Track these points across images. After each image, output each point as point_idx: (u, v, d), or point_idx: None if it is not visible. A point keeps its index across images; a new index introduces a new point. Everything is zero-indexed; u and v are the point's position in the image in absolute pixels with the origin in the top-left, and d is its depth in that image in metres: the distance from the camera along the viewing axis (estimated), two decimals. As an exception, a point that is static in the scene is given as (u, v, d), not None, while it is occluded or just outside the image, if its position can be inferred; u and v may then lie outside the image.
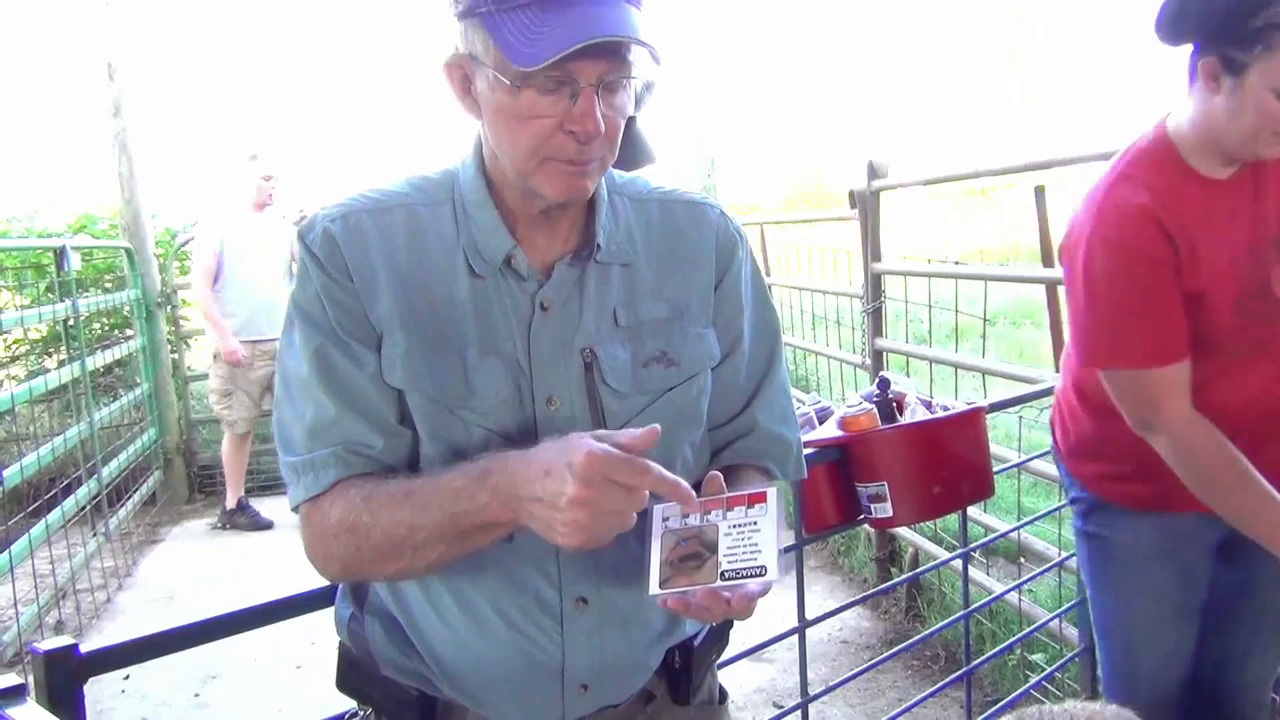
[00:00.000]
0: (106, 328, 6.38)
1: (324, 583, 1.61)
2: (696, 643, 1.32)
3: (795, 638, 2.20)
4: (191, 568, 5.18)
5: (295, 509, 1.16)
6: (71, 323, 5.11)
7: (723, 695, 1.40)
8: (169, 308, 6.43)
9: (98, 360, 5.39)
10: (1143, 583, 2.01)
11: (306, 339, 1.14)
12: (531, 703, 1.20)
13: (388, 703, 1.25)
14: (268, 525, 5.65)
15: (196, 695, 3.67)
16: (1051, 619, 3.07)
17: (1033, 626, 3.20)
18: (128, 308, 6.17)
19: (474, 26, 1.07)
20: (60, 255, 4.86)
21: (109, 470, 5.18)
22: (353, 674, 1.29)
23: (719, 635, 1.35)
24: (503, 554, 1.15)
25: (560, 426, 1.13)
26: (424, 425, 1.14)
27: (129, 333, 6.26)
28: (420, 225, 1.17)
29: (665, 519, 1.08)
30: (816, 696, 2.59)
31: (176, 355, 6.58)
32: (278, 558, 5.03)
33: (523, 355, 1.15)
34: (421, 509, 1.07)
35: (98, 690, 3.61)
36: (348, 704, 1.76)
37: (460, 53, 1.11)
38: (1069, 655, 2.99)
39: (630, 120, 2.21)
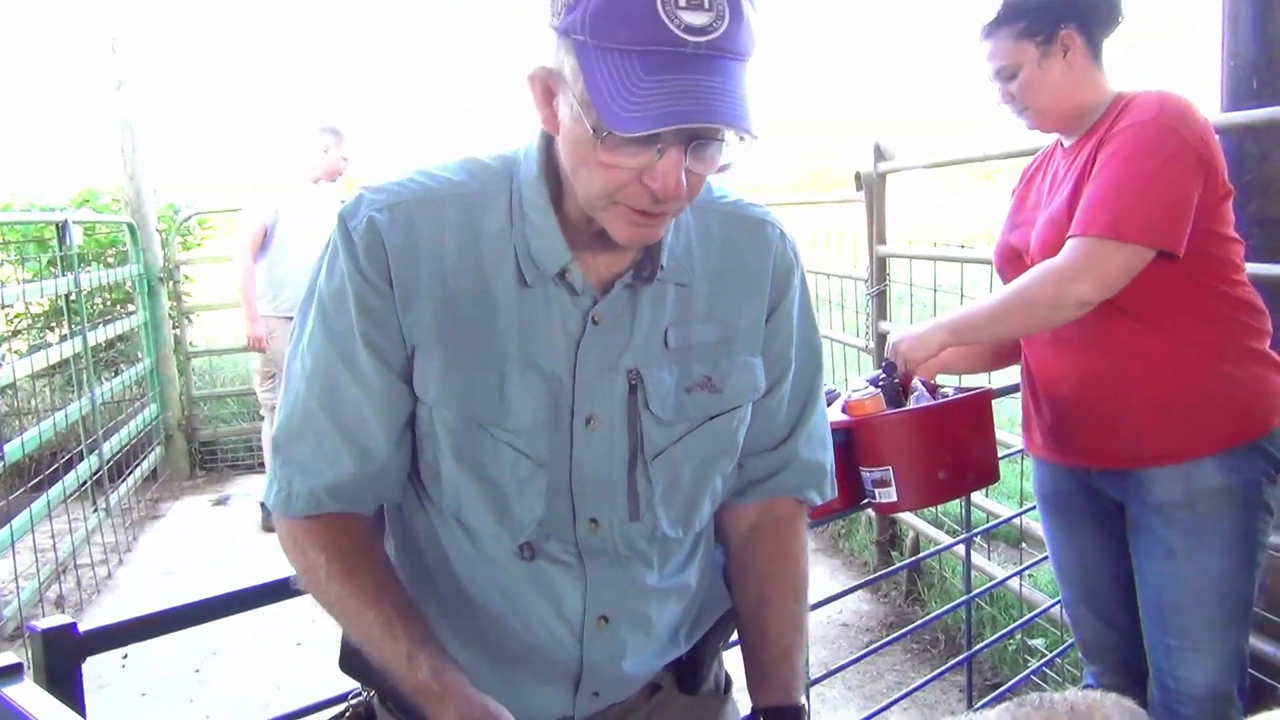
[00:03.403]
0: (108, 303, 6.37)
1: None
2: (703, 636, 1.30)
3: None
4: (192, 544, 5.19)
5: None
6: (73, 297, 5.09)
7: (728, 683, 1.38)
8: (171, 283, 6.41)
9: (99, 335, 5.38)
10: (1046, 519, 2.27)
11: (316, 340, 1.09)
12: (540, 705, 1.19)
13: (390, 687, 1.18)
14: None
15: (197, 671, 3.68)
16: (1052, 605, 3.07)
17: (1034, 612, 3.20)
18: (130, 283, 6.16)
19: (569, 50, 0.95)
20: (62, 229, 4.84)
21: (110, 446, 5.18)
22: (356, 656, 1.24)
23: (725, 624, 1.32)
24: (527, 571, 1.14)
25: (597, 448, 1.11)
26: (450, 444, 1.09)
27: (131, 308, 6.25)
28: (473, 221, 1.09)
29: None
30: (817, 680, 2.59)
31: (178, 331, 6.58)
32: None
33: (566, 372, 1.09)
34: (368, 645, 1.08)
35: (97, 665, 3.62)
36: (349, 684, 1.76)
37: (550, 68, 0.99)
38: (1069, 641, 2.99)
39: None
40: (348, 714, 1.26)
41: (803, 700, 1.19)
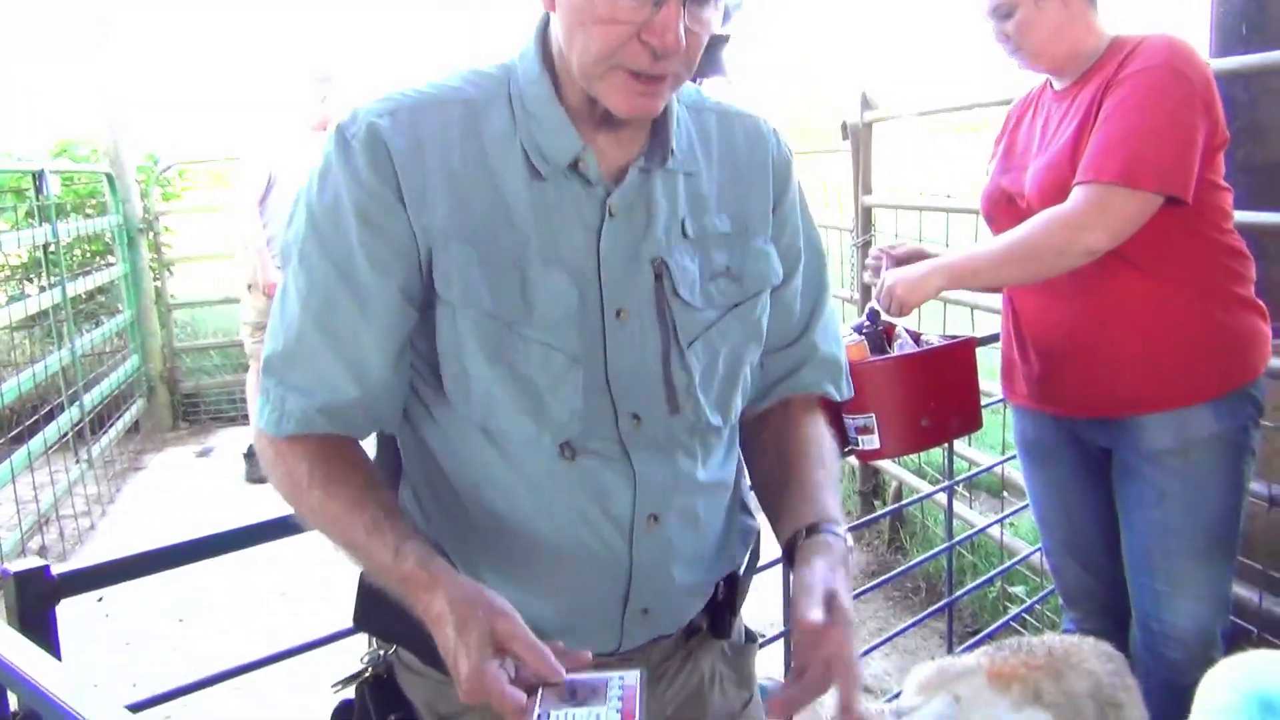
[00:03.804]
0: (88, 254, 6.31)
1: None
2: (741, 571, 1.28)
3: (777, 569, 2.21)
4: (175, 495, 5.18)
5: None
6: (52, 249, 5.04)
7: (750, 635, 1.36)
8: (151, 234, 6.34)
9: (79, 286, 5.33)
10: (1028, 469, 2.27)
11: (310, 259, 1.05)
12: (588, 627, 1.14)
13: (417, 636, 1.08)
14: (264, 479, 5.29)
15: (180, 621, 3.69)
16: (1032, 553, 3.09)
17: (1014, 560, 3.23)
18: (109, 234, 6.10)
19: None
20: (39, 179, 4.78)
21: (91, 398, 5.15)
22: (376, 609, 1.14)
23: (753, 564, 1.31)
24: (569, 473, 1.09)
25: (630, 341, 1.09)
26: (479, 346, 1.05)
27: (111, 259, 6.20)
28: (475, 123, 1.07)
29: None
30: (799, 626, 2.60)
31: (159, 282, 6.52)
32: (263, 487, 5.03)
33: (589, 266, 1.07)
34: (353, 550, 1.05)
35: (79, 616, 3.62)
36: (335, 626, 1.76)
37: None
38: (1049, 588, 3.02)
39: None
40: (368, 676, 1.21)
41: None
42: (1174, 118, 1.80)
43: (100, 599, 3.62)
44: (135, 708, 1.45)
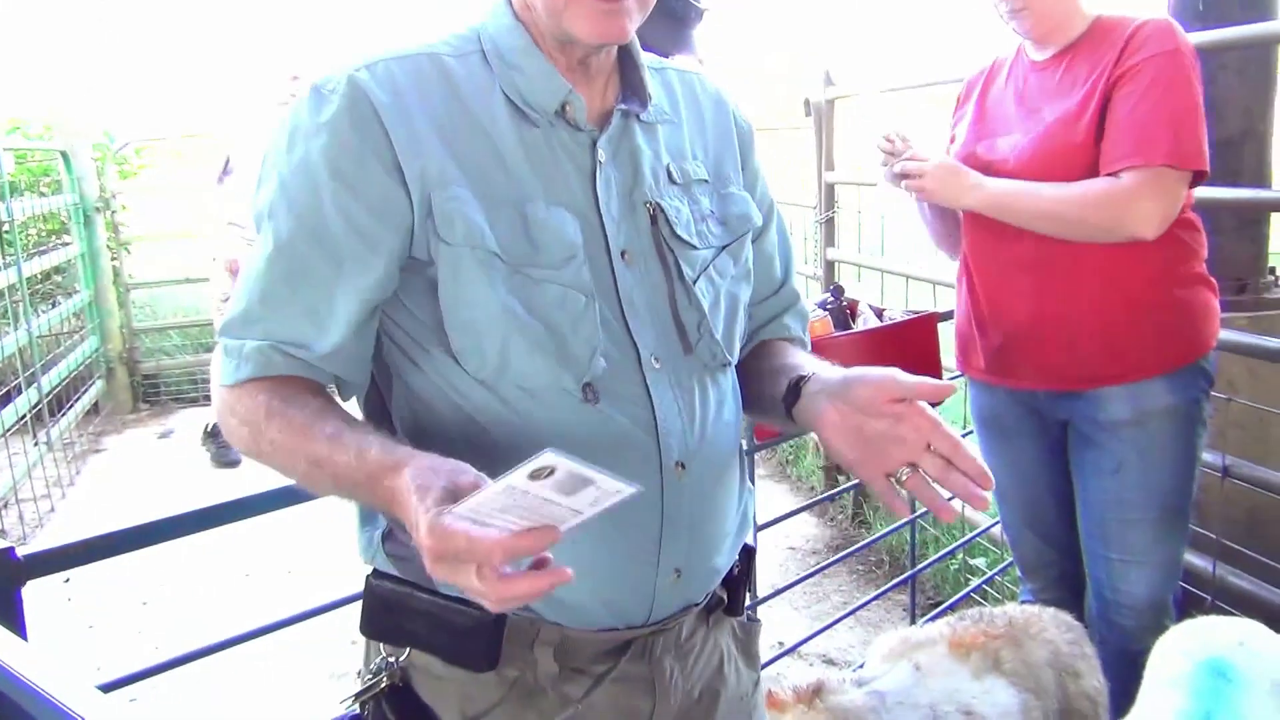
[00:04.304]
0: (43, 234, 6.20)
1: (271, 486, 1.59)
2: (751, 541, 1.29)
3: (744, 543, 2.23)
4: (136, 477, 5.13)
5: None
6: (5, 228, 4.95)
7: (754, 616, 1.36)
8: (108, 213, 6.25)
9: (34, 267, 5.24)
10: (986, 444, 2.28)
11: (279, 219, 1.02)
12: (621, 593, 1.10)
13: (439, 635, 1.07)
14: (235, 462, 5.02)
15: (144, 604, 3.67)
16: (992, 525, 3.14)
17: (974, 532, 3.27)
18: (65, 212, 5.99)
19: None
20: (-9, 156, 4.69)
21: (49, 379, 5.08)
22: (386, 614, 1.10)
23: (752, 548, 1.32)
24: (593, 418, 1.05)
25: (639, 282, 1.09)
26: (490, 290, 1.02)
27: (67, 239, 6.09)
28: (451, 75, 1.06)
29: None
30: (763, 600, 2.63)
31: (117, 262, 6.42)
32: (228, 470, 5.01)
33: (589, 208, 1.07)
34: (315, 467, 0.98)
35: (41, 599, 3.59)
36: (300, 606, 1.76)
37: None
38: (1009, 560, 3.07)
39: (682, 6, 2.14)
40: (384, 687, 1.12)
41: None
42: (1196, 99, 1.87)
43: (67, 580, 3.59)
44: (101, 690, 1.45)
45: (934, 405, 1.04)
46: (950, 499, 1.07)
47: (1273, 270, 2.86)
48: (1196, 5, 2.61)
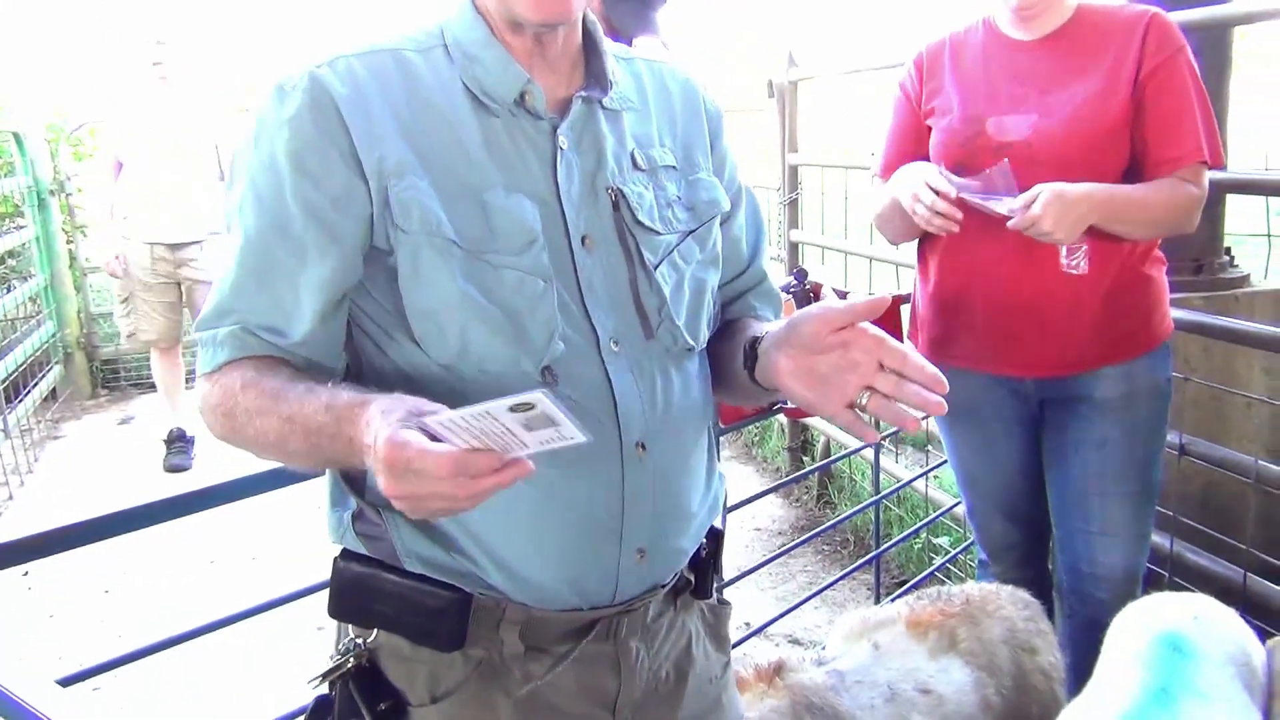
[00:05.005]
0: (-3, 217, 6.10)
1: (235, 475, 1.58)
2: (721, 527, 1.30)
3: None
4: (95, 464, 5.07)
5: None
6: (-43, 211, 4.86)
7: (723, 599, 1.36)
8: (63, 195, 6.14)
9: (-12, 251, 5.15)
10: (956, 432, 2.29)
11: (247, 216, 1.05)
12: (585, 573, 1.12)
13: (407, 616, 1.10)
14: (182, 468, 4.88)
15: (107, 592, 3.63)
16: (955, 505, 3.18)
17: (938, 512, 3.31)
18: (18, 195, 5.89)
19: None
20: (-59, 139, 4.59)
21: (5, 365, 5.00)
22: (354, 595, 1.12)
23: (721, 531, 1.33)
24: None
25: (600, 267, 1.11)
26: (450, 276, 1.04)
27: (21, 222, 5.99)
28: (412, 69, 1.09)
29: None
30: (730, 582, 2.65)
31: (73, 246, 6.32)
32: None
33: (550, 195, 1.09)
34: (288, 423, 1.00)
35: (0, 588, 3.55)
36: (264, 595, 1.75)
37: None
38: (971, 539, 3.11)
39: None
40: (350, 667, 1.14)
41: None
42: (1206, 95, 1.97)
43: (26, 573, 3.55)
44: (63, 682, 1.44)
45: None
46: (916, 418, 1.07)
47: (1228, 250, 2.90)
48: (1155, -11, 2.63)
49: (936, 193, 1.89)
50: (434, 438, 0.86)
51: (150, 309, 4.88)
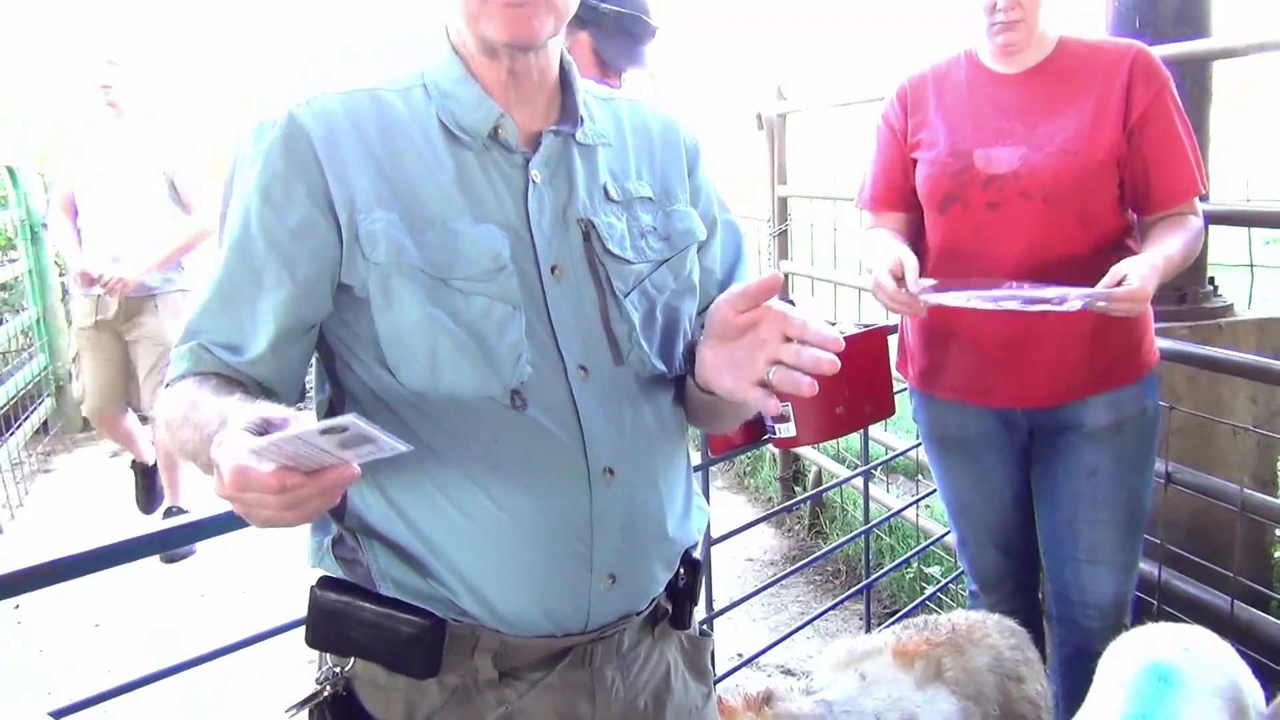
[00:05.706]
0: (-11, 250, 6.10)
1: (224, 507, 1.58)
2: (698, 555, 1.31)
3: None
4: (86, 498, 5.05)
5: None
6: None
7: (704, 630, 1.37)
8: (56, 229, 6.13)
9: (-20, 284, 5.15)
10: (948, 464, 2.28)
11: (224, 241, 1.12)
12: (556, 599, 1.14)
13: (382, 644, 1.12)
14: (182, 555, 3.95)
15: (97, 626, 3.61)
16: (947, 533, 3.17)
17: (929, 540, 3.31)
18: (11, 228, 5.90)
19: None
20: (-66, 173, 4.59)
21: (-4, 398, 5.00)
22: (330, 624, 1.14)
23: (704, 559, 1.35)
24: (520, 426, 1.10)
25: (569, 296, 1.13)
26: (417, 304, 1.07)
27: (13, 255, 6.00)
28: (388, 107, 1.13)
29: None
30: (721, 612, 2.65)
31: (65, 279, 6.31)
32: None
33: (521, 226, 1.12)
34: (197, 431, 1.01)
35: (-8, 622, 3.53)
36: (255, 627, 1.75)
37: None
38: (962, 568, 3.11)
39: (633, 20, 2.17)
40: (326, 695, 1.16)
41: None
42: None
43: (17, 606, 3.53)
44: (55, 714, 1.43)
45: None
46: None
47: (1211, 280, 2.93)
48: (1133, 22, 2.68)
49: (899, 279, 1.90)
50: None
51: (95, 367, 4.23)
